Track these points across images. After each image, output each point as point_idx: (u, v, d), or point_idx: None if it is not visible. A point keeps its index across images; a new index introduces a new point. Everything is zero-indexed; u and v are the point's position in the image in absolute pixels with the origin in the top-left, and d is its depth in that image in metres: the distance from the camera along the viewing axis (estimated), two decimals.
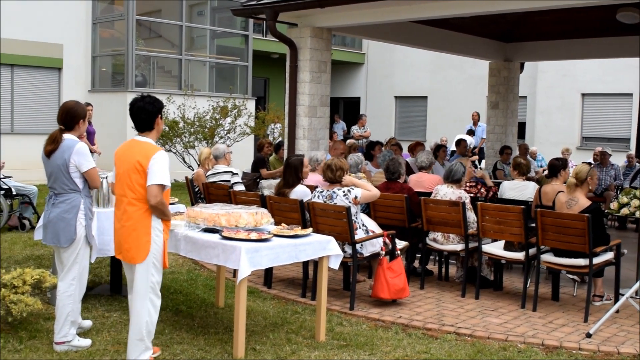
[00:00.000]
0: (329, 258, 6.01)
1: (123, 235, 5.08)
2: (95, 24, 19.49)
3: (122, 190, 5.09)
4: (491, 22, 13.26)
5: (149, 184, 4.96)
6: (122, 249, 5.11)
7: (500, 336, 6.19)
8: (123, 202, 5.08)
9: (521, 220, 7.09)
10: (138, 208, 5.03)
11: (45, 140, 5.61)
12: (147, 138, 5.18)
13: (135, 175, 5.00)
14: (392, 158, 8.78)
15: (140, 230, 5.03)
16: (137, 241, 5.03)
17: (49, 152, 5.54)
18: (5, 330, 5.88)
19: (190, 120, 17.00)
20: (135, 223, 5.03)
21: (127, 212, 5.05)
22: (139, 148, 5.09)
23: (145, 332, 5.10)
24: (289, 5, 10.21)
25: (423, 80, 25.77)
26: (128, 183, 5.04)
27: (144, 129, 5.20)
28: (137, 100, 5.21)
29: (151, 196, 4.95)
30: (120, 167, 5.13)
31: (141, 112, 5.16)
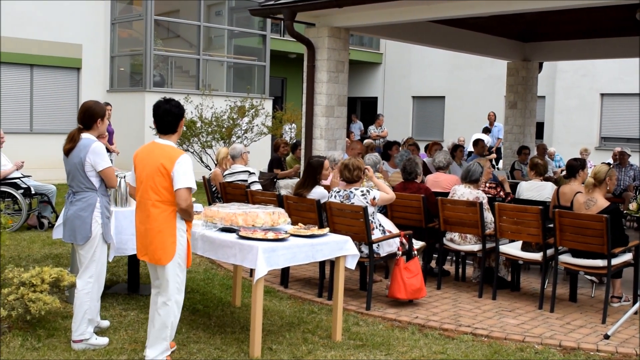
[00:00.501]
0: (346, 258, 6.01)
1: (148, 237, 5.10)
2: (114, 24, 19.59)
3: (146, 193, 5.11)
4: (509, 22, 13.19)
5: (177, 187, 5.01)
6: (148, 251, 5.14)
7: (517, 337, 6.16)
8: (147, 204, 5.10)
9: (539, 221, 7.05)
10: (162, 210, 5.07)
11: (65, 140, 5.65)
12: (168, 141, 5.23)
13: (160, 178, 5.04)
14: (409, 158, 8.76)
15: (165, 232, 5.07)
16: (163, 243, 5.07)
17: (67, 150, 5.59)
18: (24, 328, 5.92)
19: (208, 120, 17.04)
20: (160, 225, 5.07)
21: (151, 214, 5.08)
22: (162, 151, 5.13)
23: (170, 331, 5.16)
24: (306, 5, 10.21)
25: (440, 80, 25.69)
26: (152, 186, 5.07)
27: (167, 131, 5.24)
28: (163, 102, 5.25)
29: (181, 200, 5.01)
30: (143, 169, 5.15)
31: (168, 115, 5.20)
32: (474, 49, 14.14)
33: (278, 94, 25.68)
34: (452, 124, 25.09)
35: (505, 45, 14.56)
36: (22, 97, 18.12)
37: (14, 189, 10.60)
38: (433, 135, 24.75)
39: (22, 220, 10.64)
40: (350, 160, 7.41)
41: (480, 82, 24.29)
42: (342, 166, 7.39)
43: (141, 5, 19.13)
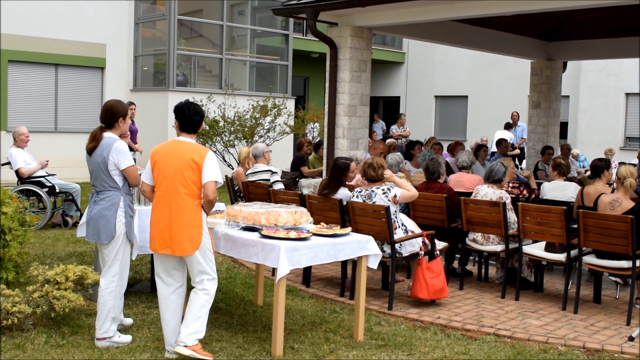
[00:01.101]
0: (368, 258, 6.01)
1: (175, 229, 5.24)
2: (138, 24, 19.71)
3: (173, 187, 5.25)
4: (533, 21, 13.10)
5: (206, 181, 5.23)
6: (173, 243, 5.25)
7: (540, 338, 6.12)
8: (174, 198, 5.26)
9: (563, 221, 7.00)
10: (190, 202, 5.26)
11: (88, 139, 5.70)
12: (191, 139, 5.42)
13: (189, 172, 5.23)
14: (432, 158, 8.73)
15: (192, 224, 5.25)
16: (190, 234, 5.24)
17: (90, 149, 5.64)
18: (48, 325, 5.98)
19: (231, 119, 17.10)
20: (188, 217, 5.24)
21: (179, 206, 5.24)
22: (189, 148, 5.32)
23: (204, 313, 5.34)
24: (329, 4, 10.20)
25: (463, 80, 25.58)
26: (180, 180, 5.23)
27: (191, 130, 5.43)
28: (190, 103, 5.45)
29: (210, 192, 5.24)
30: (169, 165, 5.28)
31: (196, 115, 5.41)
32: (498, 48, 14.05)
33: (300, 93, 25.71)
34: (475, 123, 24.98)
35: (529, 45, 14.46)
36: (47, 96, 18.29)
37: (39, 188, 10.70)
38: (455, 135, 24.65)
39: (46, 219, 10.74)
40: (374, 159, 7.41)
41: (503, 82, 24.16)
42: (366, 165, 7.38)
43: (165, 5, 19.23)
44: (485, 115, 24.48)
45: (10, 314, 5.70)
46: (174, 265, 5.43)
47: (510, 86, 23.70)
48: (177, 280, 5.47)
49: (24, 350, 5.43)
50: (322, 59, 12.75)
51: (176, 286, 5.47)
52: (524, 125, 18.35)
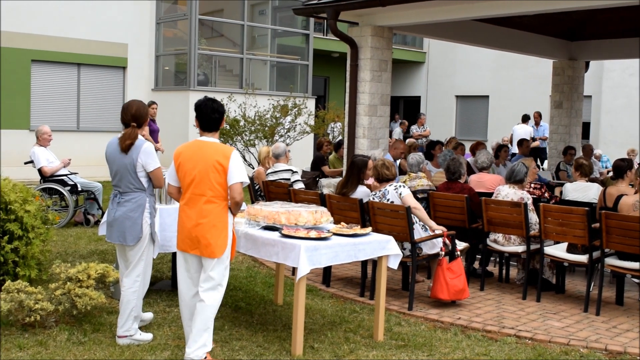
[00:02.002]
0: (388, 258, 6.00)
1: (201, 231, 5.17)
2: (159, 24, 19.82)
3: (199, 189, 5.18)
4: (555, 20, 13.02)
5: (232, 182, 5.14)
6: (200, 245, 5.18)
7: (562, 340, 6.08)
8: (200, 200, 5.18)
9: (585, 222, 6.94)
10: (217, 205, 5.19)
11: (120, 138, 5.62)
12: (214, 138, 5.32)
13: (215, 174, 5.15)
14: (453, 158, 8.70)
15: (219, 226, 5.19)
16: (217, 236, 5.17)
17: (127, 146, 5.56)
18: (70, 322, 6.02)
19: (251, 118, 17.13)
20: (214, 219, 5.17)
21: (205, 209, 5.16)
22: (214, 148, 5.22)
23: (211, 322, 5.22)
24: (350, 4, 10.20)
25: (484, 80, 25.47)
26: (206, 182, 5.16)
27: (212, 129, 5.32)
28: (208, 101, 5.34)
29: (236, 193, 5.16)
30: (194, 167, 5.20)
31: (215, 112, 5.30)
32: (519, 48, 13.98)
33: (321, 93, 25.72)
34: (496, 123, 24.87)
35: (551, 44, 14.37)
36: (69, 95, 18.45)
37: (62, 186, 10.79)
38: (476, 135, 24.56)
39: (69, 217, 10.82)
40: (384, 160, 7.53)
41: (525, 82, 24.02)
42: (379, 164, 7.40)
43: (186, 5, 19.31)
44: (506, 115, 24.35)
45: (33, 311, 5.76)
46: (197, 267, 5.34)
47: (532, 86, 23.57)
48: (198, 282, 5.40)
49: (46, 347, 5.48)
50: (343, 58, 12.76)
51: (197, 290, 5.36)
52: (546, 124, 18.24)
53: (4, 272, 6.88)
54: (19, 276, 6.84)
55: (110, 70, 19.09)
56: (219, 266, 5.23)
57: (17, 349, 5.42)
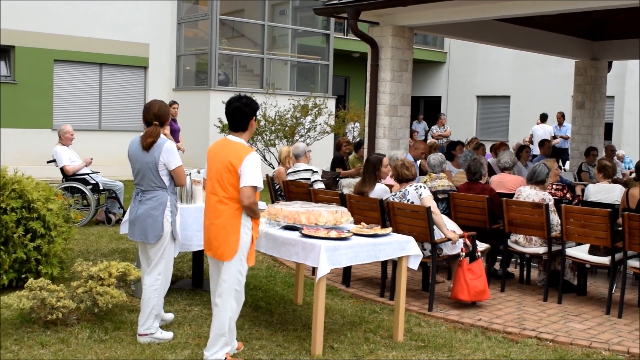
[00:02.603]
0: (409, 258, 5.98)
1: (213, 232, 5.14)
2: (180, 24, 19.90)
3: (213, 188, 5.15)
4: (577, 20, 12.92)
5: (242, 185, 5.01)
6: (212, 246, 5.17)
7: (583, 342, 6.03)
8: (213, 199, 5.15)
9: (607, 224, 6.88)
10: (228, 207, 5.09)
11: (141, 136, 5.65)
12: (239, 138, 5.22)
13: (227, 174, 5.07)
14: (474, 158, 8.66)
15: (229, 229, 5.09)
16: (227, 239, 5.09)
17: (149, 144, 5.58)
18: (92, 320, 6.07)
19: (271, 118, 17.17)
20: (225, 221, 5.09)
21: (217, 210, 5.12)
22: (232, 148, 5.13)
23: (227, 328, 5.16)
24: (370, 4, 10.19)
25: (506, 80, 25.33)
26: (220, 181, 5.11)
27: (237, 129, 5.23)
28: (234, 100, 5.24)
29: (244, 197, 5.01)
30: (213, 165, 5.19)
31: (236, 113, 5.19)
32: (541, 47, 13.88)
33: (341, 93, 25.70)
34: (517, 124, 24.70)
35: (573, 44, 14.27)
36: (91, 95, 18.57)
37: (83, 185, 10.86)
38: (497, 136, 24.44)
39: (90, 216, 10.90)
40: (404, 159, 7.50)
41: (546, 82, 23.86)
42: (399, 164, 7.38)
43: (207, 5, 19.38)
44: (527, 116, 24.18)
45: (55, 308, 5.80)
46: (215, 268, 5.32)
47: (554, 86, 23.41)
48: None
49: (68, 345, 5.52)
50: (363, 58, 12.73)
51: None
52: (569, 125, 18.12)
53: (26, 269, 6.95)
54: (42, 274, 6.92)
55: (131, 70, 19.20)
56: (230, 270, 5.13)
57: (39, 346, 5.47)
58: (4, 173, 7.14)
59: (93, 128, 18.43)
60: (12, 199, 6.88)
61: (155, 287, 5.69)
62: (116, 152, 16.86)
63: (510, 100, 25.47)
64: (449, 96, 27.53)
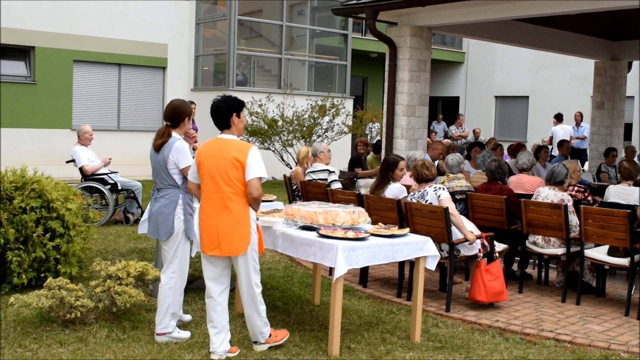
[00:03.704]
0: (426, 259, 5.97)
1: (223, 230, 5.23)
2: (199, 24, 19.97)
3: (218, 187, 5.25)
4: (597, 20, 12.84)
5: (250, 177, 5.19)
6: (222, 243, 5.25)
7: (602, 344, 5.99)
8: (221, 198, 5.24)
9: (627, 225, 6.83)
10: (237, 202, 5.23)
11: (154, 136, 5.78)
12: (231, 135, 5.41)
13: (234, 171, 5.21)
14: (496, 159, 8.61)
15: (241, 223, 5.24)
16: (241, 234, 5.23)
17: (158, 145, 5.71)
18: (110, 319, 6.10)
19: (289, 118, 17.19)
20: (237, 216, 5.23)
21: (227, 207, 5.22)
22: (231, 145, 5.30)
23: (262, 308, 5.44)
24: (389, 4, 10.18)
25: (524, 80, 25.20)
26: (225, 179, 5.22)
27: (222, 126, 5.45)
28: (217, 101, 5.45)
29: (253, 189, 5.20)
30: (213, 164, 5.28)
31: (215, 111, 5.43)
32: (561, 47, 13.81)
33: (359, 93, 25.68)
34: (536, 124, 24.58)
35: (593, 44, 14.18)
36: (110, 95, 18.67)
37: (102, 185, 10.92)
38: (516, 136, 24.31)
39: (109, 215, 10.95)
40: (425, 159, 7.49)
41: (565, 82, 23.72)
42: (420, 165, 7.35)
43: (225, 5, 19.43)
44: (546, 116, 24.02)
45: (74, 307, 5.84)
46: (222, 267, 5.43)
47: (573, 86, 23.27)
48: (224, 282, 5.47)
49: (87, 344, 5.55)
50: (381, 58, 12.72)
51: (223, 288, 5.46)
52: (587, 125, 18.01)
53: (45, 269, 7.00)
54: (60, 273, 6.96)
55: (150, 70, 19.28)
56: (247, 262, 5.31)
57: (57, 344, 5.51)
58: (23, 172, 7.20)
59: (112, 128, 18.53)
60: (32, 199, 6.94)
61: (170, 285, 5.72)
62: (134, 152, 16.98)
63: (528, 100, 25.34)
64: (467, 96, 27.43)
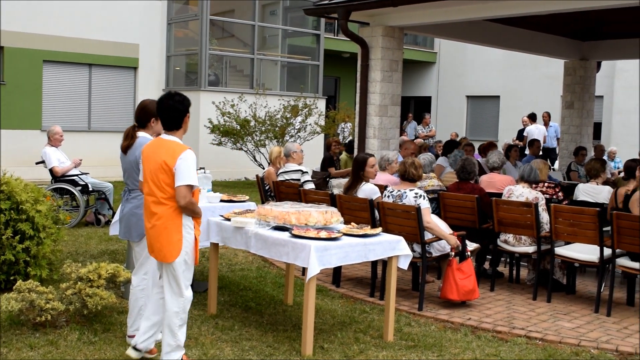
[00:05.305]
0: (398, 258, 5.99)
1: (154, 235, 5.01)
2: (170, 24, 19.87)
3: (150, 190, 5.02)
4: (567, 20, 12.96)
5: (177, 184, 4.89)
6: (154, 248, 5.05)
7: (572, 341, 6.06)
8: (152, 201, 5.02)
9: (596, 223, 6.91)
10: (167, 207, 4.96)
11: (122, 137, 5.74)
12: (173, 137, 5.11)
13: (163, 175, 4.94)
14: (467, 158, 8.67)
15: (171, 229, 4.96)
16: (169, 240, 4.96)
17: (124, 148, 5.66)
18: (81, 322, 6.05)
19: (262, 119, 17.16)
20: (165, 222, 4.96)
21: (157, 211, 4.98)
22: (166, 148, 5.02)
23: (178, 328, 5.06)
24: (361, 4, 10.19)
25: (495, 80, 25.40)
26: (156, 183, 4.97)
27: (172, 127, 5.12)
28: (167, 98, 5.14)
29: (180, 197, 4.89)
30: (148, 166, 5.07)
31: (172, 111, 5.09)
32: (531, 48, 13.93)
33: (331, 93, 25.72)
34: (507, 124, 24.76)
35: (562, 44, 14.32)
36: (80, 96, 18.51)
37: (72, 186, 10.82)
38: (487, 136, 24.48)
39: (79, 217, 10.86)
40: (414, 159, 7.39)
41: (536, 82, 23.93)
42: (409, 164, 7.27)
43: (197, 5, 19.36)
44: (517, 116, 24.17)
45: (44, 310, 5.78)
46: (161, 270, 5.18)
47: (543, 86, 23.49)
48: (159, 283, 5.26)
49: (57, 347, 5.50)
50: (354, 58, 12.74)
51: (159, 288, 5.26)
52: (557, 125, 18.18)
53: (15, 271, 6.92)
54: (30, 276, 6.88)
55: (121, 70, 19.15)
56: (176, 271, 5.01)
57: (28, 348, 5.45)
58: None
59: (82, 129, 18.37)
60: (1, 201, 6.85)
61: (141, 287, 5.66)
62: (105, 153, 16.84)
63: (500, 100, 25.54)
64: (439, 96, 27.58)
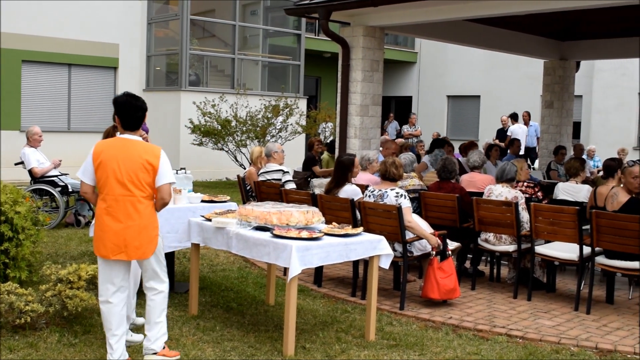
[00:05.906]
0: (380, 257, 6.00)
1: (131, 234, 5.04)
2: (151, 24, 19.78)
3: (127, 190, 5.02)
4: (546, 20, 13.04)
5: (162, 183, 5.09)
6: (130, 247, 5.05)
7: (552, 339, 6.10)
8: (130, 201, 5.03)
9: (576, 222, 6.96)
10: (147, 205, 5.11)
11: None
12: (136, 137, 5.21)
13: (144, 174, 5.03)
14: (447, 157, 8.70)
15: (149, 226, 5.13)
16: (149, 237, 5.13)
17: None
18: (61, 324, 6.00)
19: (243, 119, 17.12)
20: (146, 220, 5.10)
21: (137, 210, 5.04)
22: (142, 147, 5.10)
23: (165, 314, 5.36)
24: (342, 4, 10.20)
25: (476, 79, 25.52)
26: (135, 182, 5.02)
27: (135, 127, 5.20)
28: (130, 98, 5.21)
29: (165, 194, 5.13)
30: (118, 167, 5.03)
31: (138, 110, 5.20)
32: (511, 48, 14.01)
33: (312, 93, 25.72)
34: (487, 123, 24.88)
35: (542, 44, 14.40)
36: (60, 96, 18.39)
37: (52, 187, 10.75)
38: (468, 135, 24.59)
39: (59, 218, 10.79)
40: (395, 159, 7.43)
41: (516, 82, 24.07)
42: (389, 163, 7.30)
43: (177, 5, 19.28)
44: (497, 115, 24.26)
45: (23, 312, 5.74)
46: (124, 271, 5.22)
47: (523, 86, 23.63)
48: (125, 288, 5.29)
49: (37, 349, 5.46)
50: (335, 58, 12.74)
51: (125, 294, 5.28)
52: (537, 124, 18.29)
53: None
54: (9, 278, 6.82)
55: (101, 70, 19.04)
56: (152, 264, 5.25)
57: (7, 350, 5.40)
58: None
59: (62, 129, 18.24)
60: None
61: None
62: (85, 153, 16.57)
63: (480, 100, 25.66)
64: (420, 96, 27.67)
